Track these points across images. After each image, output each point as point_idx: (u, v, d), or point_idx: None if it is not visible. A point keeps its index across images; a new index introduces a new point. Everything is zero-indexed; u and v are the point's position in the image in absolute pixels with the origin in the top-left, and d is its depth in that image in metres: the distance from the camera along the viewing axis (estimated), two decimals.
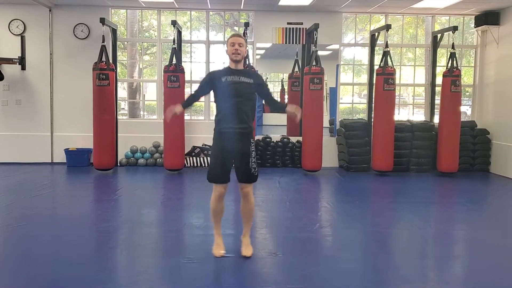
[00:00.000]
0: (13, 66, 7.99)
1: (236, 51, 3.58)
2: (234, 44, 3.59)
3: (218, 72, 3.73)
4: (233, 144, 3.61)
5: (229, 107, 3.59)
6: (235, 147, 3.62)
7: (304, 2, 7.62)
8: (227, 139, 3.62)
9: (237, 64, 3.64)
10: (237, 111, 3.58)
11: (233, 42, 3.60)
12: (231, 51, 3.60)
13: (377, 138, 7.68)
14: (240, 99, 3.58)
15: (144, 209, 5.42)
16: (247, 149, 3.66)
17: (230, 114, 3.59)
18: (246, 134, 3.66)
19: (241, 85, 3.61)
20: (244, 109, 3.61)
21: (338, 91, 8.66)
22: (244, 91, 3.61)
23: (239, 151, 3.64)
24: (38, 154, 8.16)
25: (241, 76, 3.62)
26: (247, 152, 3.66)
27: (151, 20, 11.62)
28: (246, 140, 3.66)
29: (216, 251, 3.71)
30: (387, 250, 4.18)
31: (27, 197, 5.80)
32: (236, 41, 3.60)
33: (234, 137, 3.60)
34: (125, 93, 11.86)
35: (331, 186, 7.15)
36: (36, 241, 4.15)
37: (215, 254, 3.69)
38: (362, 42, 9.03)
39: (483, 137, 8.16)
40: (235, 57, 3.60)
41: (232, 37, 3.65)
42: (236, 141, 3.61)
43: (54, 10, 8.06)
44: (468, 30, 9.07)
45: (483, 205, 6.15)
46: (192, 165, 8.23)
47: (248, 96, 3.65)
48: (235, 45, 3.59)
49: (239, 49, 3.59)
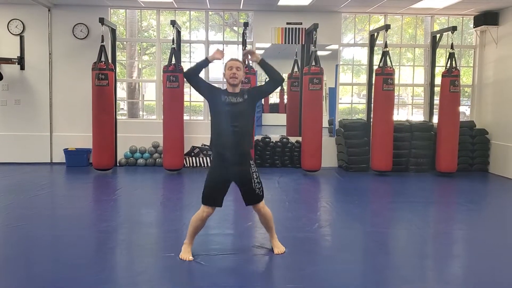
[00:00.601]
0: (12, 66, 7.99)
1: (234, 75, 3.61)
2: (232, 68, 3.63)
3: (218, 88, 3.76)
4: (232, 168, 3.60)
5: (226, 131, 3.58)
6: (234, 172, 3.62)
7: (303, 2, 7.62)
8: (226, 163, 3.60)
9: (234, 88, 3.65)
10: (234, 135, 3.58)
11: (231, 66, 3.64)
12: (229, 75, 3.63)
13: (376, 138, 7.69)
14: (236, 122, 3.58)
15: (144, 209, 5.42)
16: (247, 172, 3.65)
17: (227, 138, 3.59)
18: (244, 155, 3.66)
19: (239, 105, 3.61)
20: (241, 132, 3.61)
21: (338, 91, 8.66)
22: (242, 111, 3.62)
23: (240, 175, 3.64)
24: (37, 154, 8.16)
25: (238, 98, 3.64)
26: (248, 176, 3.65)
27: (150, 20, 11.61)
28: (245, 162, 3.65)
29: (186, 256, 3.66)
30: (386, 250, 4.19)
31: (27, 197, 5.80)
32: (234, 65, 3.63)
33: (233, 160, 3.59)
34: (124, 93, 11.87)
35: (330, 186, 7.16)
36: (36, 241, 4.15)
37: (185, 259, 3.64)
38: (361, 42, 9.04)
39: (482, 137, 8.17)
40: (233, 81, 3.62)
41: (230, 61, 3.69)
42: (236, 165, 3.61)
43: (53, 10, 8.05)
44: (467, 30, 9.08)
45: (482, 205, 6.16)
46: (191, 165, 8.23)
47: (246, 116, 3.66)
48: (232, 69, 3.62)
49: (236, 73, 3.61)
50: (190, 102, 8.86)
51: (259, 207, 3.74)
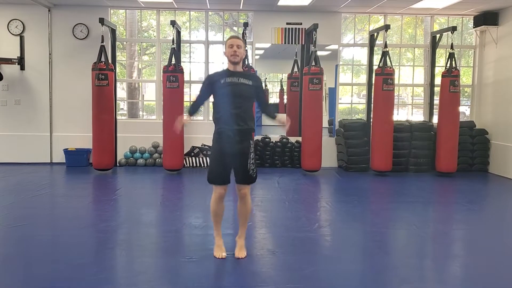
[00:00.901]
0: (12, 66, 7.99)
1: (235, 52, 3.59)
2: (233, 45, 3.59)
3: (217, 74, 3.72)
4: (232, 145, 3.60)
5: (228, 108, 3.59)
6: (234, 148, 3.61)
7: (303, 2, 7.63)
8: (226, 139, 3.60)
9: (236, 66, 3.64)
10: (236, 112, 3.57)
11: (232, 43, 3.60)
12: (230, 53, 3.60)
13: (376, 138, 7.69)
14: (239, 100, 3.59)
15: (143, 209, 5.42)
16: (246, 149, 3.65)
17: (229, 115, 3.59)
18: (245, 133, 3.65)
19: (240, 86, 3.61)
20: (243, 109, 3.61)
21: (337, 91, 8.66)
22: (242, 92, 3.61)
23: (237, 151, 3.63)
24: (37, 154, 8.16)
25: (239, 78, 3.62)
26: (245, 153, 3.64)
27: (150, 20, 11.61)
28: (245, 141, 3.65)
29: (217, 253, 3.70)
30: (386, 250, 4.19)
31: (26, 197, 5.80)
32: (234, 43, 3.60)
33: (233, 137, 3.59)
34: (124, 93, 11.87)
35: (330, 186, 7.16)
36: (35, 241, 4.15)
37: (216, 256, 3.67)
38: (361, 42, 9.04)
39: (481, 137, 8.17)
40: (234, 59, 3.60)
41: (230, 38, 3.65)
42: (235, 142, 3.60)
43: (53, 10, 8.06)
44: (467, 30, 9.08)
45: (481, 205, 6.16)
46: (191, 165, 8.24)
47: (247, 97, 3.66)
48: (233, 46, 3.59)
49: (237, 51, 3.59)
50: (190, 102, 8.85)
51: (246, 191, 3.71)
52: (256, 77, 3.85)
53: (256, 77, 3.85)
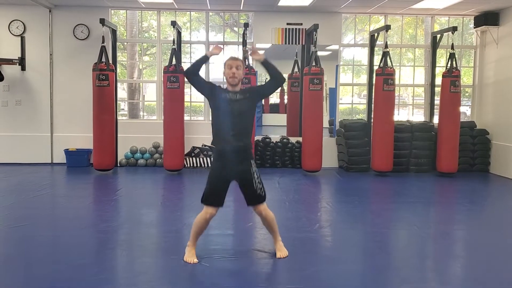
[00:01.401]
0: (13, 67, 8.00)
1: (234, 74, 3.57)
2: (232, 67, 3.58)
3: (219, 86, 3.72)
4: (233, 167, 3.56)
5: (227, 127, 3.56)
6: (235, 170, 3.58)
7: (303, 3, 7.63)
8: (226, 160, 3.57)
9: (234, 87, 3.63)
10: (235, 130, 3.55)
11: (231, 65, 3.58)
12: (228, 74, 3.58)
13: (377, 139, 7.68)
14: (238, 118, 3.56)
15: (144, 209, 5.43)
16: (248, 171, 3.61)
17: (228, 134, 3.56)
18: (245, 152, 3.62)
19: (239, 102, 3.59)
20: (242, 127, 3.59)
21: (338, 92, 8.66)
22: (242, 109, 3.59)
23: (240, 174, 3.60)
24: (38, 154, 8.17)
25: (238, 95, 3.61)
26: (249, 176, 3.60)
27: (151, 21, 11.62)
28: (246, 161, 3.61)
29: (190, 259, 3.62)
30: (387, 251, 4.19)
31: (27, 197, 5.80)
32: (234, 64, 3.58)
33: (233, 158, 3.55)
34: (125, 93, 11.88)
35: (330, 187, 7.16)
36: (36, 241, 4.16)
37: (189, 261, 3.59)
38: (362, 43, 9.04)
39: (482, 137, 8.17)
40: (232, 81, 3.59)
41: (229, 60, 3.62)
42: (236, 164, 3.57)
43: (54, 11, 8.06)
44: (468, 30, 9.07)
45: (482, 206, 6.16)
46: (191, 165, 8.24)
47: (246, 113, 3.63)
48: (232, 68, 3.57)
49: (236, 73, 3.57)
50: (190, 102, 8.87)
51: (260, 209, 3.67)
52: (250, 88, 3.86)
53: (250, 88, 3.86)
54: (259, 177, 3.68)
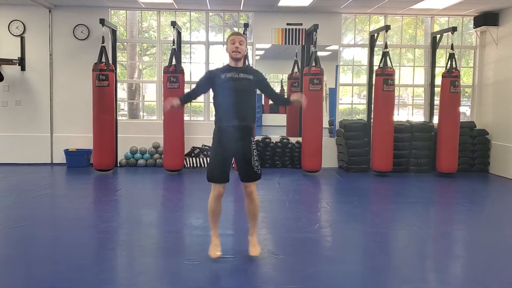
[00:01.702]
0: (13, 67, 8.00)
1: (237, 49, 3.56)
2: (235, 42, 3.57)
3: (217, 70, 3.70)
4: (233, 143, 3.58)
5: (228, 104, 3.57)
6: (235, 146, 3.60)
7: (303, 3, 7.63)
8: (226, 137, 3.58)
9: (237, 62, 3.62)
10: (237, 108, 3.56)
11: (234, 40, 3.57)
12: (231, 49, 3.57)
13: (377, 139, 7.69)
14: (239, 95, 3.57)
15: (144, 209, 5.43)
16: (248, 148, 3.64)
17: (229, 111, 3.56)
18: (246, 131, 3.63)
19: (241, 81, 3.58)
20: (243, 105, 3.59)
21: (338, 92, 8.67)
22: (243, 87, 3.59)
23: (240, 150, 3.62)
24: (38, 155, 8.17)
25: (240, 73, 3.60)
26: (248, 151, 3.64)
27: (151, 21, 11.63)
28: (246, 139, 3.63)
29: (213, 252, 3.66)
30: (387, 251, 4.19)
31: (27, 197, 5.80)
32: (237, 39, 3.58)
33: (233, 135, 3.57)
34: (125, 93, 11.88)
35: (330, 187, 7.16)
36: (36, 241, 4.16)
37: (211, 256, 3.64)
38: (362, 43, 9.04)
39: (482, 137, 8.17)
40: (235, 55, 3.58)
41: (232, 35, 3.62)
42: (236, 140, 3.59)
43: (53, 11, 8.06)
44: (467, 31, 9.08)
45: (482, 206, 6.16)
46: (191, 165, 8.24)
47: (248, 93, 3.64)
48: (235, 43, 3.57)
49: (239, 47, 3.57)
50: (190, 103, 8.85)
51: (252, 189, 3.68)
52: (257, 72, 3.81)
53: (257, 72, 3.81)
54: (257, 155, 3.72)
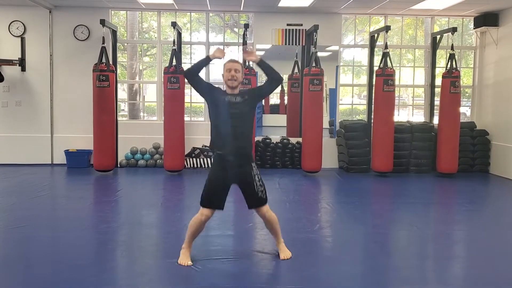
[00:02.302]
0: (13, 68, 8.00)
1: (233, 77, 3.55)
2: (231, 70, 3.55)
3: (218, 88, 3.69)
4: (233, 170, 3.54)
5: (227, 131, 3.54)
6: (236, 174, 3.56)
7: (303, 4, 7.63)
8: (226, 163, 3.54)
9: (233, 89, 3.60)
10: (235, 136, 3.54)
11: (230, 68, 3.56)
12: (227, 77, 3.56)
13: (377, 139, 7.69)
14: (237, 121, 3.54)
15: (144, 210, 5.42)
16: (249, 174, 3.58)
17: (228, 139, 3.54)
18: (246, 157, 3.61)
19: (238, 105, 3.57)
20: (242, 132, 3.57)
21: (338, 92, 8.67)
22: (241, 112, 3.57)
23: (241, 178, 3.58)
24: (38, 155, 8.17)
25: (237, 97, 3.59)
26: (249, 179, 3.58)
27: (151, 22, 11.63)
28: (246, 164, 3.59)
29: (185, 261, 3.58)
30: (387, 251, 4.19)
31: (27, 198, 5.80)
32: (233, 67, 3.56)
33: (233, 162, 3.53)
34: (125, 94, 11.88)
35: (331, 187, 7.16)
36: (36, 242, 4.16)
37: (183, 264, 3.56)
38: (362, 43, 9.05)
39: (482, 138, 8.17)
40: (231, 84, 3.57)
41: (228, 62, 3.61)
42: (236, 167, 3.54)
43: (54, 11, 8.07)
44: (467, 31, 9.08)
45: (482, 206, 6.16)
46: (192, 166, 8.24)
47: (246, 115, 3.61)
48: (231, 71, 3.55)
49: (235, 75, 3.56)
50: (190, 103, 8.87)
51: (263, 212, 3.65)
52: (248, 90, 3.83)
53: (248, 90, 3.83)
54: (261, 179, 3.65)
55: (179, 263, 3.59)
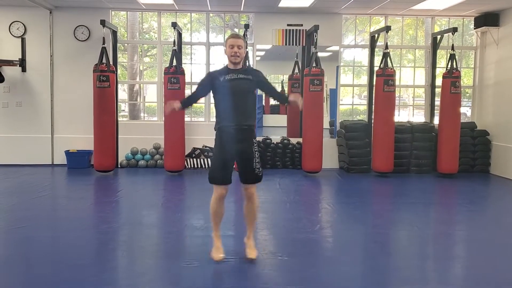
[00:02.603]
0: (14, 68, 8.00)
1: (236, 53, 3.56)
2: (233, 46, 3.56)
3: (217, 71, 3.71)
4: (235, 145, 3.57)
5: (229, 105, 3.57)
6: (237, 148, 3.59)
7: (304, 4, 7.63)
8: (228, 138, 3.58)
9: (236, 65, 3.62)
10: (237, 109, 3.56)
11: (232, 44, 3.57)
12: (230, 53, 3.57)
13: (377, 140, 7.68)
14: (239, 96, 3.57)
15: (145, 210, 5.43)
16: (250, 149, 3.62)
17: (230, 111, 3.56)
18: (248, 132, 3.62)
19: (240, 81, 3.58)
20: (244, 106, 3.59)
21: (338, 93, 8.67)
22: (243, 87, 3.60)
23: (241, 152, 3.61)
24: (39, 155, 8.17)
25: (239, 74, 3.61)
26: (250, 153, 3.62)
27: (151, 22, 11.63)
28: (248, 140, 3.62)
29: (215, 254, 3.65)
30: (388, 251, 4.19)
31: (28, 198, 5.80)
32: (235, 43, 3.57)
33: (235, 136, 3.56)
34: (126, 94, 11.88)
35: (331, 188, 7.16)
36: (37, 242, 4.16)
37: (214, 258, 3.63)
38: (362, 44, 9.05)
39: (483, 138, 8.16)
40: (234, 59, 3.59)
41: (231, 38, 3.62)
42: (238, 141, 3.57)
43: (54, 12, 8.07)
44: (468, 31, 9.08)
45: (483, 206, 6.16)
46: (192, 166, 8.24)
47: (248, 93, 3.64)
48: (234, 47, 3.56)
49: (238, 52, 3.57)
50: (191, 106, 8.84)
51: (252, 191, 3.68)
52: (256, 72, 3.81)
53: (256, 72, 3.81)
54: (259, 157, 3.70)
55: (212, 257, 3.63)
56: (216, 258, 3.62)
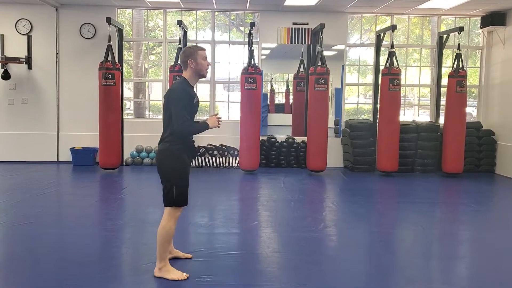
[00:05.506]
0: (20, 66, 8.04)
1: (209, 67, 3.32)
2: (207, 58, 3.30)
3: (188, 88, 3.29)
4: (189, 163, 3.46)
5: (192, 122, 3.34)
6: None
7: (309, 2, 7.62)
8: (190, 155, 3.43)
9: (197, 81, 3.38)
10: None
11: (206, 56, 3.29)
12: (204, 67, 3.27)
13: (382, 139, 7.67)
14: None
15: (149, 208, 5.43)
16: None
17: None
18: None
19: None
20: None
21: (344, 92, 8.65)
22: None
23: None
24: (44, 153, 8.21)
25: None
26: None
27: (157, 20, 11.64)
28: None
29: (179, 275, 3.31)
30: (392, 251, 4.18)
31: (33, 195, 5.83)
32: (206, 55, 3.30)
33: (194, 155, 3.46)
34: (131, 92, 11.91)
35: (335, 186, 7.15)
36: (42, 239, 4.18)
37: (181, 278, 3.28)
38: (368, 43, 9.02)
39: (488, 138, 8.13)
40: (206, 74, 3.33)
41: (202, 50, 3.28)
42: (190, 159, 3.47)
43: (60, 9, 8.10)
44: (474, 31, 9.04)
45: (488, 206, 6.13)
46: (197, 165, 8.24)
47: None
48: (207, 59, 3.29)
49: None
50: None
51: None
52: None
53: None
54: None
55: (177, 279, 3.26)
56: (183, 277, 3.30)
